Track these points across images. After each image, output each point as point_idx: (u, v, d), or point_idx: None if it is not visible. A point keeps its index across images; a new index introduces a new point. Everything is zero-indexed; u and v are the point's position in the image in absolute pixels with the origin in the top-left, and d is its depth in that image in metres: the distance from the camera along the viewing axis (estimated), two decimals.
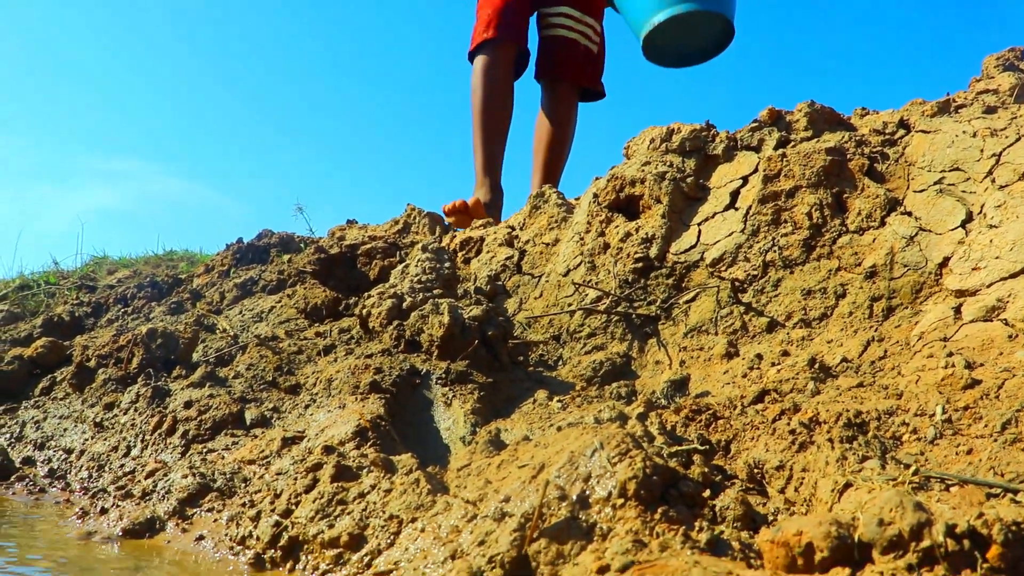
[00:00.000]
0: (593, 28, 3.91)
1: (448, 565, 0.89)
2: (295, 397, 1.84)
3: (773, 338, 1.84)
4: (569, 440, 0.94)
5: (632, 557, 0.77)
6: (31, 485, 1.82)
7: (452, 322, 1.82)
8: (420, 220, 2.85)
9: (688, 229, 2.15)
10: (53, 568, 1.14)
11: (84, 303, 3.20)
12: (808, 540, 0.80)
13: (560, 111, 3.88)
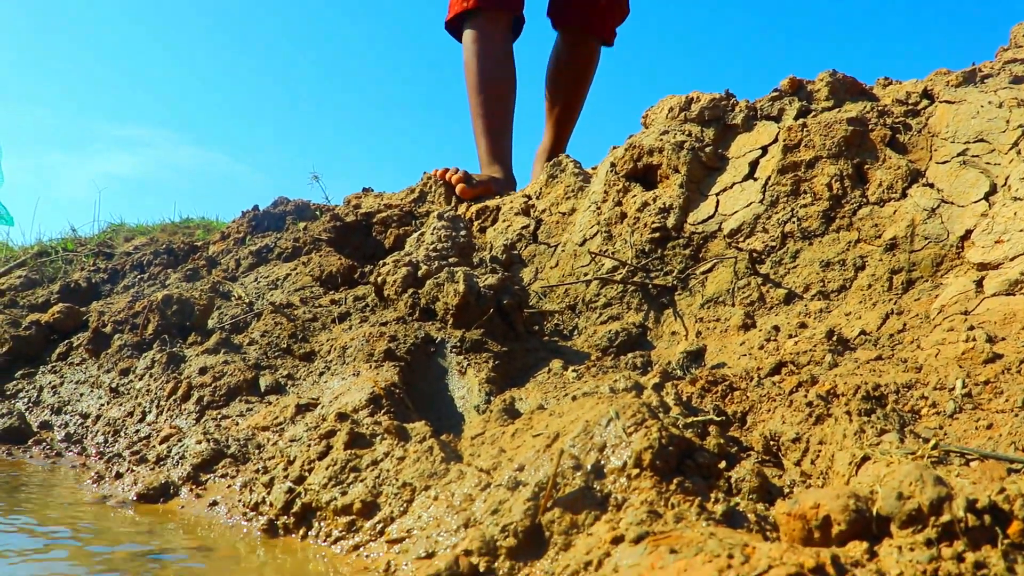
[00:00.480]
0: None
1: (461, 533, 0.88)
2: (309, 364, 1.84)
3: (791, 310, 1.82)
4: (584, 409, 0.93)
5: (647, 528, 0.76)
6: (48, 449, 1.83)
7: (467, 290, 1.81)
8: (436, 189, 2.83)
9: (706, 199, 2.12)
10: (70, 530, 1.14)
11: (101, 269, 3.21)
12: (825, 513, 0.79)
13: (580, 62, 3.44)
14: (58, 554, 1.01)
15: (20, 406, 2.11)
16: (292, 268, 2.53)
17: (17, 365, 2.31)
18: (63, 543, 1.06)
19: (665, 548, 0.71)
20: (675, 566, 0.69)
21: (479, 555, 0.83)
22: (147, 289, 2.82)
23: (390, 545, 0.96)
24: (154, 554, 1.03)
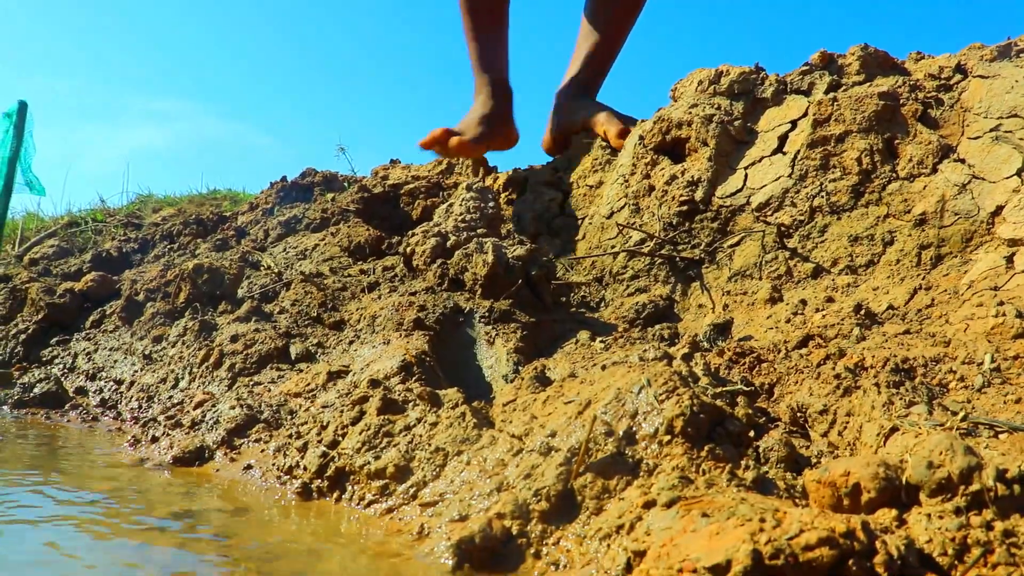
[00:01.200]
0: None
1: (494, 497, 0.90)
2: (339, 333, 1.87)
3: (818, 284, 1.83)
4: (615, 377, 0.95)
5: (678, 493, 0.78)
6: (84, 413, 1.87)
7: (496, 261, 1.82)
8: (464, 161, 2.84)
9: (734, 173, 2.12)
10: (108, 492, 1.17)
11: (131, 239, 3.25)
12: (855, 480, 0.80)
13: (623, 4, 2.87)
14: (100, 513, 1.04)
15: (56, 372, 2.16)
16: (320, 239, 2.55)
17: (52, 332, 2.35)
18: (104, 503, 1.09)
19: (697, 512, 0.73)
20: (707, 529, 0.70)
21: (512, 518, 0.85)
22: (177, 259, 2.85)
23: (423, 508, 0.98)
24: (192, 515, 1.06)
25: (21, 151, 4.21)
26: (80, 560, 0.83)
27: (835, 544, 0.66)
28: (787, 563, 0.66)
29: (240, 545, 0.92)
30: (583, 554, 0.79)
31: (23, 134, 4.21)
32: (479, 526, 0.84)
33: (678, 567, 0.68)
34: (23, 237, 5.11)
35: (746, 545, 0.66)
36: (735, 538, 0.68)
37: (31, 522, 0.96)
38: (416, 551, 0.90)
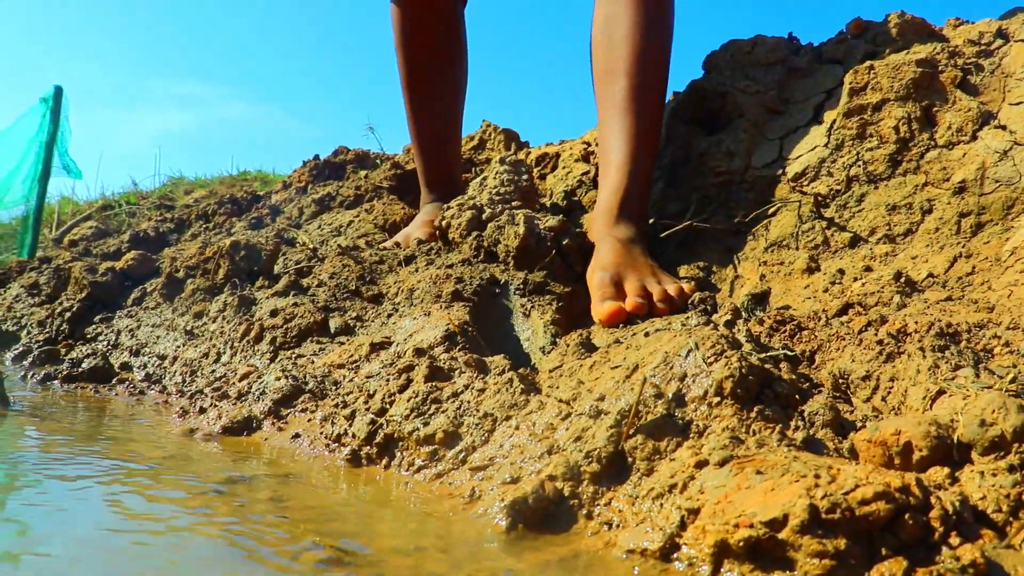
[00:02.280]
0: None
1: (545, 460, 0.91)
2: (378, 306, 1.89)
3: (856, 253, 1.82)
4: (662, 342, 0.96)
5: (730, 452, 0.79)
6: (131, 388, 1.91)
7: (528, 232, 1.83)
8: (495, 136, 2.84)
9: (770, 143, 2.11)
10: (162, 459, 1.20)
11: (168, 220, 3.29)
12: (907, 439, 0.81)
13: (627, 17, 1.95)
14: (157, 478, 1.07)
15: (100, 348, 2.20)
16: (355, 215, 2.57)
17: (95, 310, 2.39)
18: (160, 469, 1.12)
19: (751, 470, 0.74)
20: (762, 486, 0.71)
21: (563, 480, 0.87)
22: (213, 238, 2.89)
23: (473, 472, 0.99)
24: (247, 479, 1.08)
25: (58, 135, 4.28)
26: (145, 520, 0.85)
27: (891, 499, 0.67)
28: (843, 517, 0.66)
29: (296, 507, 0.94)
30: (636, 513, 0.80)
31: (59, 119, 4.28)
32: (532, 488, 0.85)
33: (734, 522, 0.69)
34: (59, 220, 5.19)
35: (802, 500, 0.67)
36: (791, 493, 0.69)
37: (90, 486, 0.98)
38: (469, 513, 0.92)
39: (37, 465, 1.09)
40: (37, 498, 0.91)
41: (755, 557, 0.68)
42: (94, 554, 0.74)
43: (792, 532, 0.66)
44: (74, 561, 0.71)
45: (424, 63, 2.29)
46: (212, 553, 0.78)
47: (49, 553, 0.73)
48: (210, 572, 0.73)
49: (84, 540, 0.77)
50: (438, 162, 2.35)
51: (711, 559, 0.69)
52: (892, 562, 0.66)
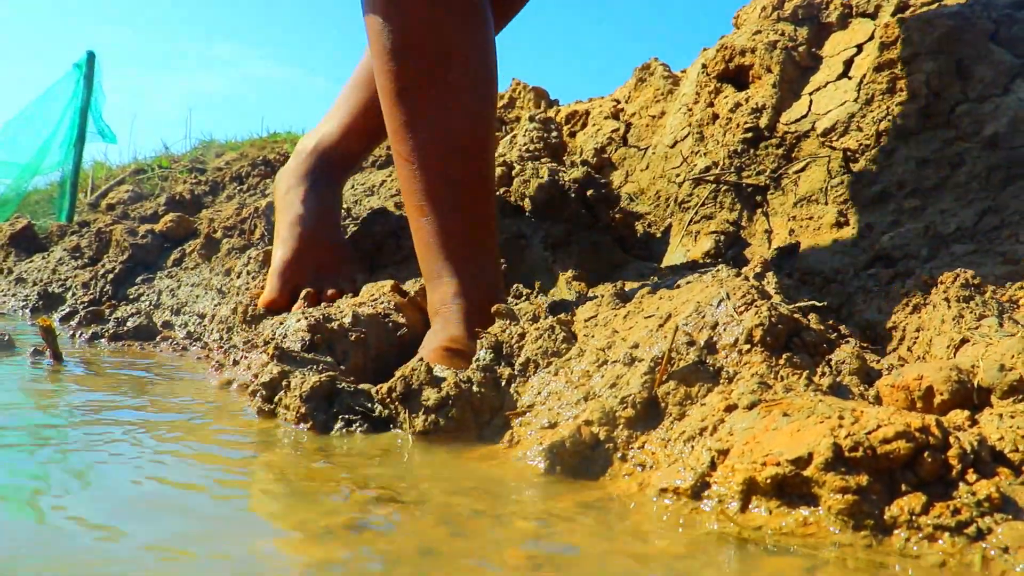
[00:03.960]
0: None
1: (581, 406, 0.96)
2: (409, 264, 1.93)
3: (884, 208, 1.83)
4: (694, 292, 0.99)
5: (758, 396, 0.83)
6: (174, 344, 1.98)
7: (551, 184, 1.86)
8: (525, 95, 2.86)
9: (799, 99, 2.11)
10: (202, 406, 1.26)
11: (202, 182, 3.35)
12: (928, 384, 0.84)
13: None
14: (202, 420, 1.13)
15: (144, 308, 2.27)
16: (388, 175, 2.61)
17: (136, 271, 2.46)
18: (200, 418, 1.17)
19: (778, 412, 0.78)
20: (789, 427, 0.75)
21: (599, 424, 0.91)
22: (248, 199, 2.94)
23: (512, 418, 1.04)
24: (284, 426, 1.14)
25: (91, 100, 4.35)
26: (194, 462, 0.91)
27: (911, 438, 0.71)
28: (865, 455, 0.70)
29: (337, 453, 0.99)
30: (668, 455, 0.84)
31: (92, 84, 4.34)
32: (569, 432, 0.89)
33: (761, 461, 0.73)
34: (94, 185, 5.28)
35: (826, 439, 0.71)
36: (816, 433, 0.72)
37: (142, 431, 1.04)
38: (509, 456, 0.96)
39: (92, 413, 1.15)
40: (96, 441, 0.97)
41: (781, 493, 0.72)
42: (145, 497, 0.79)
43: (817, 469, 0.70)
44: (124, 503, 0.77)
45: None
46: (262, 493, 0.83)
47: (101, 496, 0.79)
48: (263, 510, 0.78)
49: (134, 484, 0.83)
50: (474, 233, 1.52)
51: (740, 496, 0.74)
52: (911, 497, 0.69)
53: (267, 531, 0.72)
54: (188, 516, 0.72)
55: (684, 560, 0.67)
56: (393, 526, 0.72)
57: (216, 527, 0.70)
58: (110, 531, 0.67)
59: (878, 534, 0.69)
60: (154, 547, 0.64)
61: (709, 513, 0.75)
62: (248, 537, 0.69)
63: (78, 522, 0.69)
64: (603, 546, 0.69)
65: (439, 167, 1.33)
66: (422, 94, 1.31)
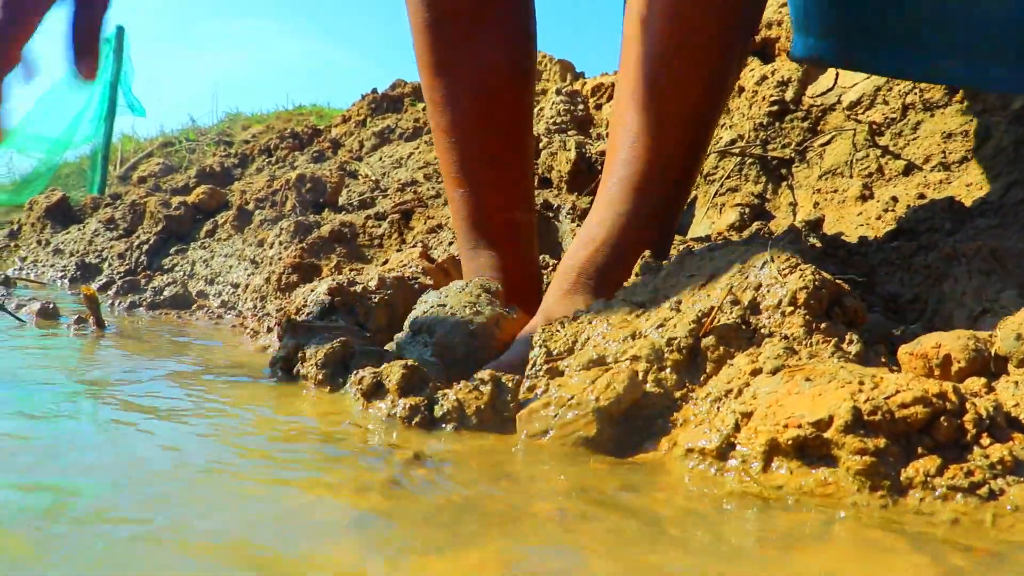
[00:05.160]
0: None
1: (628, 343, 0.98)
2: (438, 235, 1.97)
3: (910, 181, 1.85)
4: (736, 254, 1.02)
5: (783, 361, 0.86)
6: (210, 313, 2.03)
7: (578, 157, 1.89)
8: (551, 68, 2.88)
9: (825, 72, 2.12)
10: (234, 370, 1.31)
11: (231, 155, 3.39)
12: (946, 352, 0.87)
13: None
14: (240, 386, 1.17)
15: (179, 277, 2.33)
16: (415, 147, 2.64)
17: (170, 242, 2.52)
18: (243, 378, 1.22)
19: (801, 377, 0.81)
20: (811, 391, 0.78)
21: (646, 362, 0.93)
22: (277, 171, 2.99)
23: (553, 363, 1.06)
24: None
25: (121, 75, 4.40)
26: (234, 424, 0.95)
27: (928, 403, 0.74)
28: (884, 419, 0.73)
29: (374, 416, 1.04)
30: (695, 415, 0.88)
31: (122, 58, 4.39)
32: (626, 374, 0.92)
33: (784, 423, 0.76)
34: (123, 158, 5.34)
35: (847, 403, 0.74)
36: (836, 397, 0.76)
37: (178, 393, 1.09)
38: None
39: (139, 372, 1.20)
40: (144, 399, 1.02)
41: (802, 454, 0.76)
42: (196, 448, 0.84)
43: (836, 432, 0.73)
44: (166, 456, 0.82)
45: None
46: (304, 455, 0.87)
47: (161, 444, 0.84)
48: (307, 473, 0.82)
49: (183, 438, 0.87)
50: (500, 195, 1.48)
51: (762, 456, 0.77)
52: (927, 460, 0.73)
53: (311, 483, 0.76)
54: (241, 453, 0.77)
55: (707, 516, 0.70)
56: (429, 483, 0.76)
57: (262, 472, 0.75)
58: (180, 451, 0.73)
59: (894, 494, 0.72)
60: (211, 470, 0.69)
61: (732, 473, 0.78)
62: (293, 486, 0.73)
63: (163, 448, 0.74)
64: (631, 501, 0.73)
65: (477, 140, 1.33)
66: (458, 68, 1.31)
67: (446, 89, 1.31)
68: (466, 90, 1.31)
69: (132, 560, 0.54)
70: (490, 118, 1.33)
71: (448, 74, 1.31)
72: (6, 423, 0.88)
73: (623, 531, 0.65)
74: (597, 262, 1.20)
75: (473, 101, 1.31)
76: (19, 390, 1.04)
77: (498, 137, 1.34)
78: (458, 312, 1.19)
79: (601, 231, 1.21)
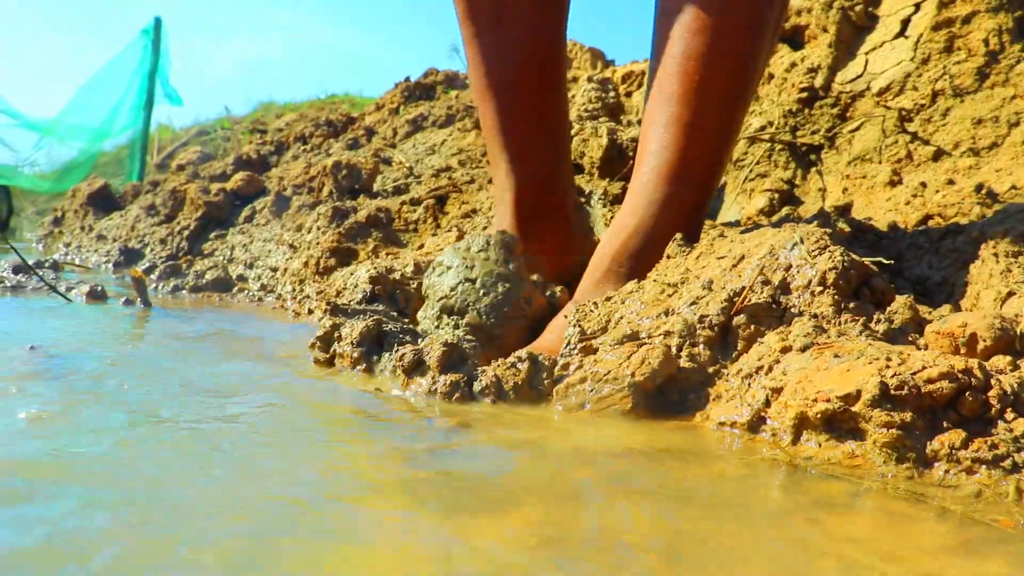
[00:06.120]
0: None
1: (662, 319, 1.02)
2: (472, 219, 2.01)
3: (939, 167, 1.86)
4: (766, 236, 1.05)
5: (812, 339, 0.89)
6: (250, 295, 2.09)
7: (610, 144, 1.92)
8: (581, 55, 2.91)
9: (855, 59, 2.13)
10: (278, 349, 1.36)
11: (267, 143, 3.45)
12: (972, 331, 0.90)
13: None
14: (287, 364, 1.22)
15: (220, 261, 2.39)
16: (448, 134, 2.68)
17: (210, 228, 2.58)
18: (287, 357, 1.27)
19: (829, 354, 0.84)
20: (839, 367, 0.82)
21: (679, 337, 0.97)
22: (313, 158, 3.04)
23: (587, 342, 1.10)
24: None
25: (158, 65, 4.49)
26: (292, 388, 1.00)
27: (954, 379, 0.77)
28: (911, 393, 0.77)
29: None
30: (727, 391, 0.91)
31: (159, 49, 4.48)
32: (660, 352, 0.95)
33: (813, 397, 0.80)
34: (159, 147, 5.43)
35: (874, 378, 0.77)
36: (865, 373, 0.79)
37: (225, 365, 1.14)
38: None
39: (188, 344, 1.25)
40: (198, 372, 1.07)
41: (831, 428, 0.79)
42: (251, 418, 0.88)
43: (864, 406, 0.77)
44: (210, 425, 0.86)
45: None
46: (351, 429, 0.92)
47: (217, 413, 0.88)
48: (354, 445, 0.87)
49: (234, 410, 0.92)
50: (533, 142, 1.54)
51: (792, 430, 0.81)
52: (952, 433, 0.76)
53: (355, 450, 0.80)
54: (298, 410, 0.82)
55: (738, 482, 0.74)
56: (472, 452, 0.81)
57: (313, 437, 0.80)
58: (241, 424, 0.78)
59: (919, 467, 0.75)
60: (267, 443, 0.74)
61: (763, 445, 0.82)
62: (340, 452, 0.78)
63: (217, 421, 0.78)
64: (665, 471, 0.77)
65: (502, 67, 1.43)
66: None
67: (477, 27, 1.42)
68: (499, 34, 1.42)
69: (208, 507, 0.59)
70: (515, 46, 1.43)
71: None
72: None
73: (656, 497, 0.69)
74: (629, 249, 1.24)
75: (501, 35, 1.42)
76: (94, 362, 1.10)
77: (517, 64, 1.44)
78: (487, 287, 1.22)
79: (633, 219, 1.25)
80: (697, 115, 1.25)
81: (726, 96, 1.27)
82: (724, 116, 1.28)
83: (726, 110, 1.28)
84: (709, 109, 1.26)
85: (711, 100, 1.26)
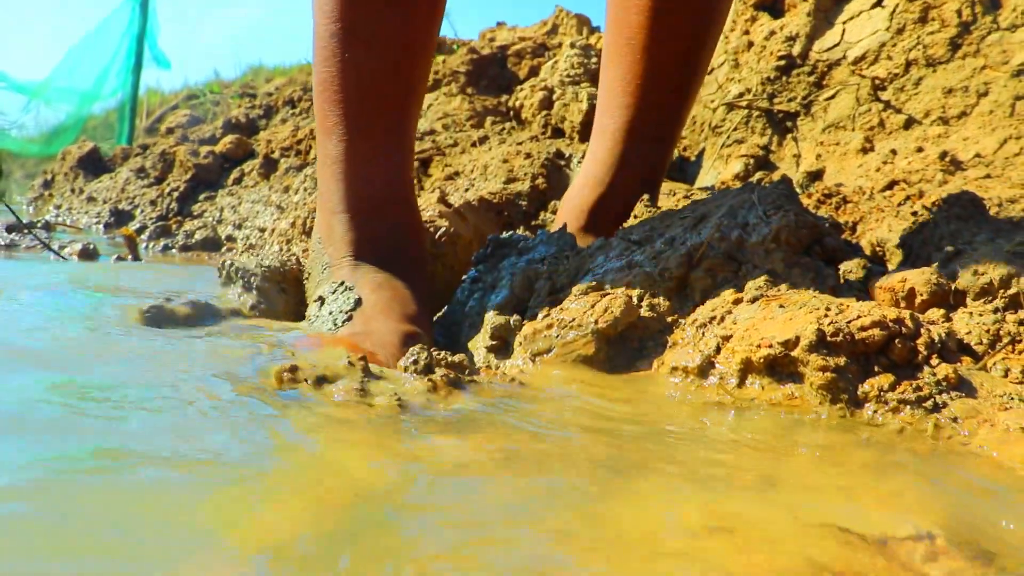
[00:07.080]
0: None
1: (625, 272, 1.07)
2: (455, 181, 2.06)
3: (909, 135, 1.92)
4: (727, 198, 1.11)
5: (763, 292, 0.95)
6: (237, 255, 2.14)
7: (590, 108, 1.97)
8: (568, 21, 2.94)
9: (832, 27, 2.18)
10: None
11: (256, 106, 3.48)
12: (911, 286, 0.96)
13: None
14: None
15: (208, 222, 2.44)
16: (433, 98, 2.72)
17: (199, 190, 2.63)
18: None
19: (775, 304, 0.91)
20: (783, 316, 0.88)
21: (640, 288, 1.03)
22: (301, 122, 3.08)
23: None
24: None
25: (147, 28, 4.50)
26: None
27: (885, 327, 0.83)
28: (844, 340, 0.83)
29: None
30: (682, 339, 0.98)
31: (147, 12, 4.49)
32: (621, 303, 1.02)
33: (757, 343, 0.86)
34: (148, 110, 5.44)
35: (812, 326, 0.84)
36: (804, 321, 0.85)
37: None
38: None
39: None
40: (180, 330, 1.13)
41: (772, 372, 0.86)
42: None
43: (802, 351, 0.83)
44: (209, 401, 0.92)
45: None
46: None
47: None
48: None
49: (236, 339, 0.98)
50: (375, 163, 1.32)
51: (738, 373, 0.87)
52: (882, 377, 0.82)
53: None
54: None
55: (688, 423, 0.80)
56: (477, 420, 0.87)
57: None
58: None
59: (851, 407, 0.82)
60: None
61: (712, 388, 0.88)
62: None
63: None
64: (622, 411, 0.83)
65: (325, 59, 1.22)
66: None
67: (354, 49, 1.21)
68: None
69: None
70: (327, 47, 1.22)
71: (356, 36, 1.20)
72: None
73: (614, 437, 0.75)
74: (589, 203, 1.31)
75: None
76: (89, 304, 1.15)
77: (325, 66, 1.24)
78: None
79: (606, 173, 1.30)
80: (653, 73, 1.27)
81: (682, 52, 1.28)
82: (681, 72, 1.29)
83: (683, 66, 1.29)
84: (665, 66, 1.27)
85: (667, 57, 1.27)
